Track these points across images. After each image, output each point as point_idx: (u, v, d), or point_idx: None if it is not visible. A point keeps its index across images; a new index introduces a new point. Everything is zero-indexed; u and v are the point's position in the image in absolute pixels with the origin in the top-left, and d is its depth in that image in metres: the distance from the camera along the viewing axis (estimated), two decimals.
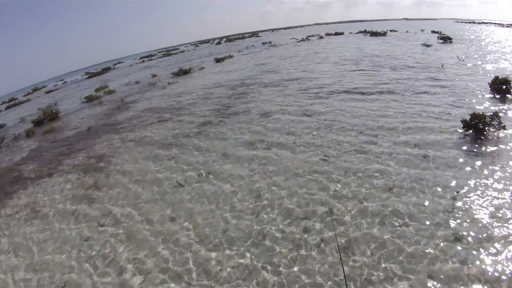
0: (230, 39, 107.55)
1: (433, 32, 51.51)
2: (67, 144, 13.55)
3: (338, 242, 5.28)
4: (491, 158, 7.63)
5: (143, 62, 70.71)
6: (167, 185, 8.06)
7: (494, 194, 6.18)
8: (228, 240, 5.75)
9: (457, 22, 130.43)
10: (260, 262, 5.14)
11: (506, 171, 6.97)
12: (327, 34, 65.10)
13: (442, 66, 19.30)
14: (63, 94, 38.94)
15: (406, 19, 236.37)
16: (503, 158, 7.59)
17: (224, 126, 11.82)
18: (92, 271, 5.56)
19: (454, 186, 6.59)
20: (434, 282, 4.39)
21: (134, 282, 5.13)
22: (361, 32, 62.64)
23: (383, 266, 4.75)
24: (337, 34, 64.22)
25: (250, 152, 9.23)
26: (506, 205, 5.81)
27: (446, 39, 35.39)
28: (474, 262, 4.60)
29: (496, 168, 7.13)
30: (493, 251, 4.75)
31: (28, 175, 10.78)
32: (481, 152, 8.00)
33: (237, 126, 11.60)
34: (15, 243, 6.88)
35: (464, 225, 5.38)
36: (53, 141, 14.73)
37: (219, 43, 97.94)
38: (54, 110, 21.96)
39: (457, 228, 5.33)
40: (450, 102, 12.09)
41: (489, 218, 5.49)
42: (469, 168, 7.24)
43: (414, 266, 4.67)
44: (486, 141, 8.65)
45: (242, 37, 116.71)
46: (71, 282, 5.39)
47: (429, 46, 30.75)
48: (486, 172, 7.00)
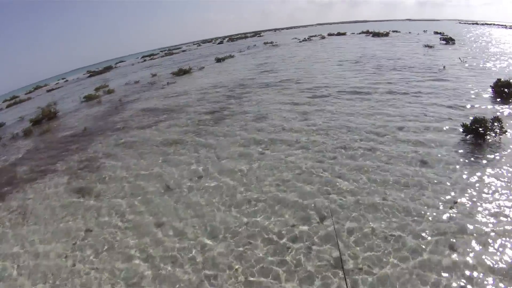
0: (232, 39, 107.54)
1: (435, 33, 51.33)
2: (62, 145, 13.39)
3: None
4: (491, 165, 7.38)
5: (145, 61, 70.64)
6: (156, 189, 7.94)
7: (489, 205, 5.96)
8: None
9: (460, 23, 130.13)
10: None
11: (505, 179, 6.71)
12: (329, 34, 65.06)
13: (444, 67, 19.09)
14: (64, 92, 38.85)
15: (409, 20, 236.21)
16: (503, 165, 7.34)
17: (217, 129, 11.68)
18: None
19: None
20: None
21: None
22: (363, 32, 62.67)
23: None
24: (339, 34, 64.18)
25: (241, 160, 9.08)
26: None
27: (448, 40, 35.20)
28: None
29: (494, 176, 6.87)
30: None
31: (20, 177, 10.65)
32: (480, 158, 7.77)
33: (230, 129, 11.46)
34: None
35: None
36: (49, 141, 14.59)
37: (221, 43, 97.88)
38: (52, 110, 21.84)
39: None
40: (450, 105, 11.88)
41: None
42: (465, 176, 7.00)
43: None
44: (486, 146, 8.43)
45: (244, 36, 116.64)
46: None
47: (431, 47, 30.62)
48: (484, 181, 6.74)
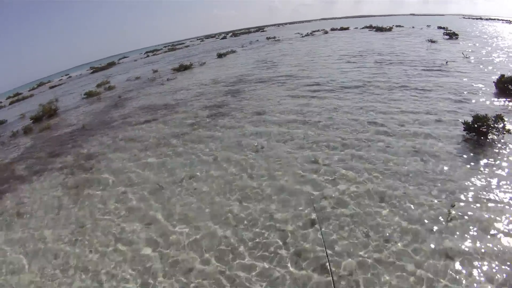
0: (236, 34, 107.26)
1: (439, 27, 50.69)
2: (60, 142, 13.29)
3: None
4: (492, 166, 7.12)
5: (148, 56, 70.66)
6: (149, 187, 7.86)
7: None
8: None
9: (464, 18, 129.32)
10: None
11: (507, 182, 6.44)
12: (332, 29, 64.63)
13: (446, 63, 18.73)
14: (66, 89, 38.96)
15: (413, 15, 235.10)
16: (505, 166, 7.06)
17: (213, 127, 11.51)
18: None
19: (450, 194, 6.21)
20: None
21: None
22: (366, 27, 61.88)
23: None
24: (342, 29, 63.71)
25: (237, 155, 8.93)
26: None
27: (452, 35, 34.73)
28: None
29: (495, 178, 6.61)
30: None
31: (19, 175, 10.63)
32: (482, 158, 7.52)
33: (226, 126, 11.31)
34: None
35: None
36: (48, 138, 14.51)
37: (225, 38, 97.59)
38: (53, 107, 21.84)
39: None
40: (452, 101, 11.60)
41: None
42: (466, 176, 6.79)
43: None
44: (489, 145, 8.17)
45: (248, 32, 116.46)
46: None
47: (434, 42, 30.13)
48: (484, 182, 6.52)
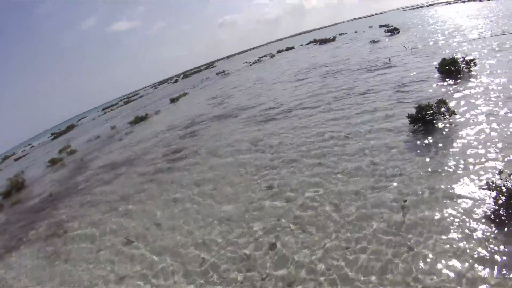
0: (187, 75, 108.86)
1: (380, 26, 53.29)
2: (32, 214, 13.53)
3: None
4: (442, 152, 7.27)
5: (105, 113, 70.69)
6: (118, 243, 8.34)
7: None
8: None
9: (405, 10, 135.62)
10: None
11: (458, 167, 6.54)
12: (279, 51, 67.09)
13: (390, 60, 19.46)
14: (30, 160, 38.45)
15: (355, 19, 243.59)
16: (455, 150, 7.22)
17: (172, 173, 12.05)
18: None
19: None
20: None
21: None
22: (311, 42, 64.61)
23: None
24: (288, 49, 66.42)
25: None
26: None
27: (393, 31, 36.30)
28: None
29: (448, 165, 6.70)
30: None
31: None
32: (431, 146, 7.68)
33: (184, 172, 11.77)
34: None
35: None
36: (20, 212, 14.75)
37: (177, 81, 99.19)
38: (20, 180, 22.07)
39: None
40: (397, 97, 11.95)
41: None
42: (418, 170, 6.87)
43: None
44: (436, 132, 8.33)
45: (198, 70, 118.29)
46: None
47: (376, 42, 31.31)
48: (438, 174, 6.55)
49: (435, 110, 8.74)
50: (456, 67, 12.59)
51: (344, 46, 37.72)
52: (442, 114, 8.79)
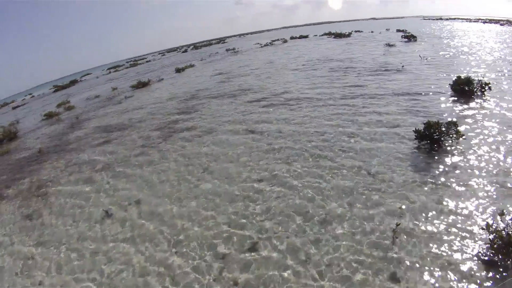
0: (196, 47, 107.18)
1: (398, 30, 51.96)
2: (17, 168, 13.17)
3: None
4: (445, 175, 6.88)
5: (110, 73, 69.38)
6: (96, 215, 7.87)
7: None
8: None
9: (424, 19, 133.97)
10: None
11: (460, 196, 6.13)
12: (292, 38, 65.51)
13: (403, 66, 18.76)
14: (28, 109, 37.75)
15: (373, 19, 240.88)
16: (458, 176, 6.79)
17: (163, 148, 11.55)
18: None
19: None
20: None
21: None
22: (326, 34, 62.51)
23: None
24: (301, 37, 64.72)
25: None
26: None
27: (410, 38, 35.18)
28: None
29: (449, 190, 6.37)
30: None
31: None
32: (435, 168, 7.24)
33: (177, 147, 11.39)
34: None
35: None
36: (7, 164, 14.37)
37: (186, 51, 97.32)
38: (13, 130, 21.54)
39: None
40: (406, 107, 11.55)
41: None
42: (418, 191, 6.49)
43: None
44: (442, 153, 7.89)
45: (209, 44, 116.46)
46: None
47: (392, 45, 30.38)
48: (438, 196, 6.25)
49: (444, 130, 8.27)
50: (470, 88, 12.04)
51: (358, 44, 36.71)
52: (450, 136, 8.30)
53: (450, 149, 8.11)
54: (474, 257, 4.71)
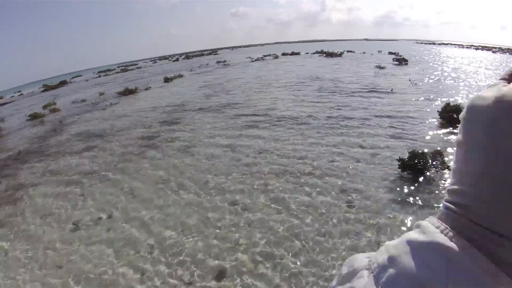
0: (188, 56, 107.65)
1: (390, 53, 52.43)
2: None
3: None
4: (427, 208, 6.47)
5: (99, 77, 68.66)
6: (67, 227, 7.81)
7: None
8: None
9: (417, 43, 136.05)
10: None
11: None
12: (283, 54, 65.40)
13: (392, 90, 18.58)
14: (14, 108, 37.32)
15: (366, 40, 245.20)
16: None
17: (141, 160, 11.47)
18: None
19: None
20: None
21: None
22: (317, 52, 62.88)
23: None
24: (293, 54, 64.67)
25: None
26: None
27: (401, 61, 35.16)
28: None
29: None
30: None
31: None
32: (416, 200, 6.85)
33: (154, 161, 11.31)
34: None
35: None
36: None
37: (177, 60, 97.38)
38: None
39: None
40: (391, 133, 11.16)
41: None
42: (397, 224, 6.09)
43: None
44: (425, 184, 7.49)
45: (201, 54, 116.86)
46: None
47: (382, 68, 30.23)
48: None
49: (429, 161, 7.91)
50: (459, 116, 11.86)
51: (349, 64, 36.95)
52: (434, 167, 7.91)
53: (432, 181, 7.65)
54: None
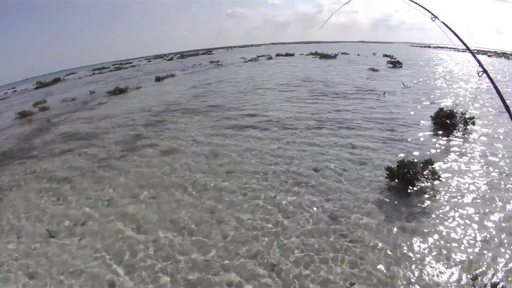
0: (183, 56, 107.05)
1: (384, 55, 52.44)
2: None
3: None
4: (415, 223, 6.17)
5: (93, 74, 67.94)
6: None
7: None
8: None
9: (412, 46, 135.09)
10: None
11: (431, 247, 5.49)
12: (277, 55, 65.16)
13: (384, 94, 18.27)
14: (6, 105, 36.81)
15: (362, 42, 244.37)
16: (430, 225, 6.10)
17: (122, 165, 11.15)
18: None
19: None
20: None
21: None
22: (312, 54, 62.50)
23: None
24: (287, 55, 64.38)
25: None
26: None
27: (395, 64, 34.99)
28: None
29: (417, 239, 5.73)
30: None
31: None
32: (404, 213, 6.50)
33: (135, 164, 11.07)
34: None
35: None
36: None
37: (171, 59, 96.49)
38: None
39: None
40: (382, 139, 10.74)
41: None
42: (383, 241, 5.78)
43: None
44: (414, 196, 7.15)
45: (195, 54, 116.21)
46: None
47: (376, 70, 29.96)
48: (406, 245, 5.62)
49: (419, 171, 7.35)
50: (452, 122, 11.22)
51: (343, 66, 36.80)
52: (425, 177, 7.39)
53: (422, 193, 7.33)
54: None
